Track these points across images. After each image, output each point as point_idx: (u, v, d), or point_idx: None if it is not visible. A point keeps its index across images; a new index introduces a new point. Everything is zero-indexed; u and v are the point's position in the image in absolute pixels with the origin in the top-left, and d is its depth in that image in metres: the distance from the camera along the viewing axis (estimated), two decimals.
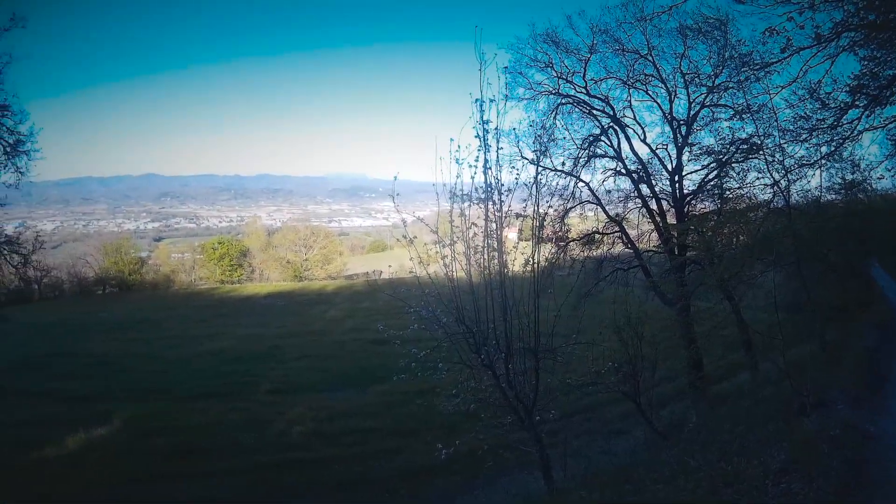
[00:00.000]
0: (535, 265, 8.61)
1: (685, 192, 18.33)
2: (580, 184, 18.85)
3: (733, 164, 18.00)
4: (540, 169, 9.79)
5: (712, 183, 18.23)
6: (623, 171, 18.75)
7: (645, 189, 18.61)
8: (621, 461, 13.60)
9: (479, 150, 7.97)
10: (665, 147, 18.71)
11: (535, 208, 8.86)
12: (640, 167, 18.63)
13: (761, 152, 16.67)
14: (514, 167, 8.40)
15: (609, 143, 18.83)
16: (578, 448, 13.98)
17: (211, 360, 28.15)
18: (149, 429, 18.13)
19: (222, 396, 21.97)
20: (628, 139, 18.82)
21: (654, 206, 18.60)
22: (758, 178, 17.87)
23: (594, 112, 18.81)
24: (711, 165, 18.19)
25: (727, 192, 18.19)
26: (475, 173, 7.97)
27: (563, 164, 18.52)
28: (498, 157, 8.08)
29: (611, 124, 18.66)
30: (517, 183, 8.41)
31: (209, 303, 52.70)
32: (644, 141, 18.90)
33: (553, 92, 18.82)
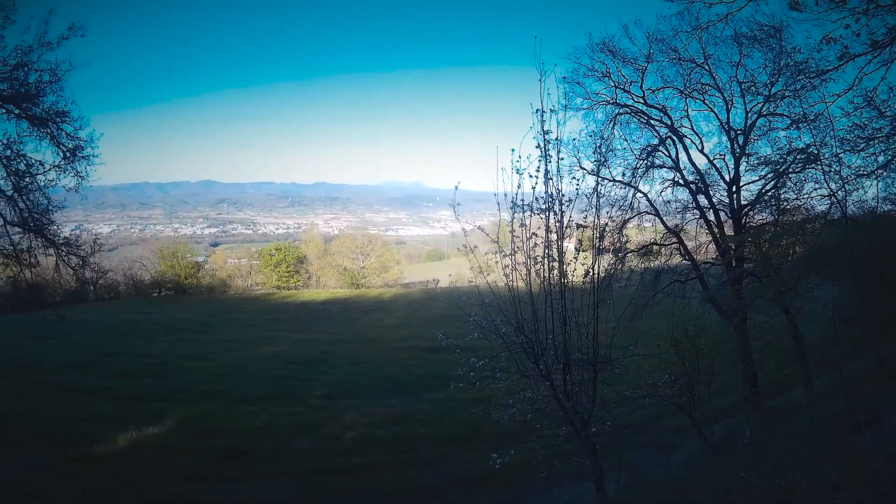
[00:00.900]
0: (595, 276, 8.55)
1: (742, 203, 17.99)
2: (638, 194, 18.64)
3: (790, 175, 17.62)
4: (599, 179, 9.80)
5: (769, 194, 17.85)
6: (681, 181, 18.48)
7: (703, 200, 18.31)
8: (675, 475, 13.44)
9: (539, 159, 7.98)
10: (722, 157, 18.39)
11: (596, 219, 8.84)
12: (697, 178, 18.34)
13: (818, 162, 16.33)
14: (574, 177, 8.39)
15: (667, 154, 18.58)
16: (631, 461, 13.79)
17: (266, 364, 28.42)
18: (202, 429, 18.38)
19: (276, 400, 22.20)
20: (686, 149, 18.56)
21: (711, 217, 18.30)
22: (815, 189, 17.48)
23: (652, 122, 18.60)
24: (769, 176, 17.82)
25: (784, 204, 17.79)
26: (536, 183, 7.97)
27: (623, 174, 18.41)
28: (559, 167, 8.09)
29: (668, 134, 18.42)
30: (577, 193, 8.38)
31: (265, 308, 53.35)
32: (702, 151, 18.61)
33: (611, 102, 18.69)
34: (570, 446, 9.69)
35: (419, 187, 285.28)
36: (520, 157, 7.90)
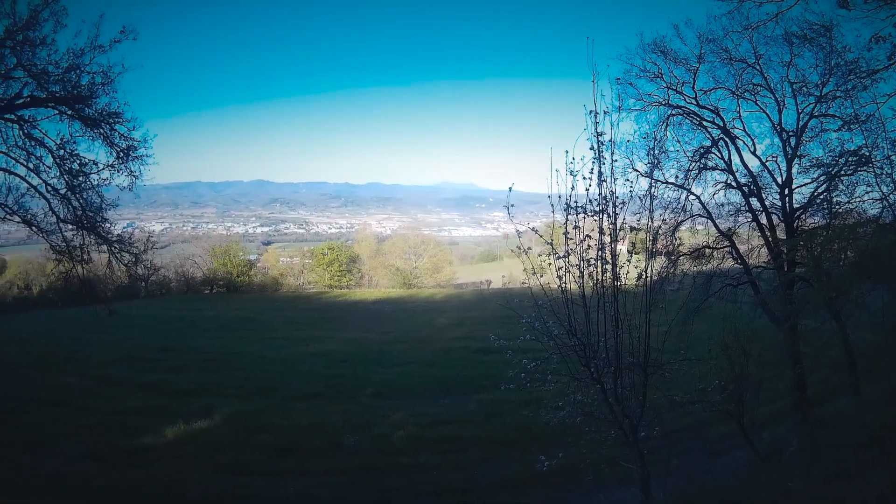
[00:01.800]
0: (648, 279, 8.45)
1: (795, 206, 17.60)
2: (691, 197, 18.32)
3: (842, 178, 17.20)
4: (653, 181, 9.71)
5: (821, 197, 17.44)
6: (733, 184, 18.11)
7: (755, 203, 17.95)
8: (721, 482, 13.26)
9: (593, 161, 7.95)
10: (775, 159, 17.99)
11: (649, 221, 8.74)
12: (750, 180, 17.98)
13: (870, 165, 15.96)
14: (627, 179, 8.31)
15: (719, 156, 18.24)
16: (678, 467, 13.57)
17: (317, 362, 28.58)
18: (251, 425, 18.64)
19: (326, 397, 22.35)
20: (738, 151, 18.19)
21: (764, 220, 17.93)
22: (867, 192, 17.01)
23: (704, 123, 18.25)
24: (820, 179, 17.41)
25: (836, 207, 17.37)
26: (589, 185, 7.94)
27: (676, 177, 18.14)
28: (612, 169, 8.01)
29: (721, 136, 18.09)
30: (631, 195, 8.31)
31: (317, 306, 53.82)
32: (754, 153, 18.22)
33: (663, 103, 18.37)
34: (618, 450, 9.51)
35: (472, 188, 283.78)
36: (573, 158, 7.91)
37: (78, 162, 13.35)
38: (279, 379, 25.11)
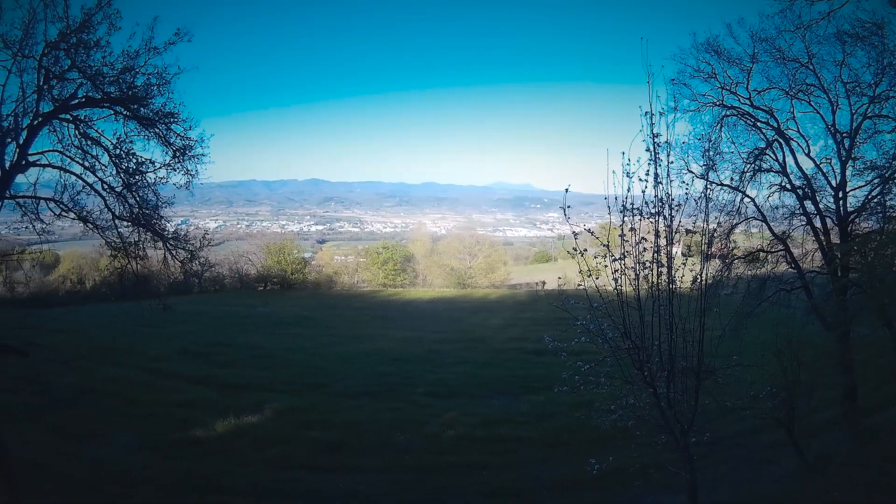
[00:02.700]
0: (703, 283, 8.36)
1: (849, 209, 17.21)
2: (746, 199, 18.01)
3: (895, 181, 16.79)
4: (708, 183, 9.61)
5: (875, 200, 17.03)
6: (788, 186, 17.79)
7: (809, 206, 17.59)
8: (768, 490, 13.19)
9: (648, 163, 7.95)
10: (829, 161, 17.61)
11: (705, 224, 8.64)
12: (804, 182, 17.61)
13: None
14: (683, 181, 8.27)
15: (774, 157, 17.91)
16: (726, 474, 13.44)
17: (369, 360, 28.61)
18: (301, 421, 18.86)
19: (378, 395, 22.39)
20: (793, 153, 17.80)
21: (818, 224, 17.57)
22: None
23: (758, 124, 17.92)
24: (875, 182, 17.00)
25: (890, 211, 16.94)
26: (645, 187, 7.94)
27: (732, 179, 17.85)
28: (668, 170, 7.97)
29: (775, 137, 17.74)
30: (686, 197, 8.25)
31: (371, 304, 54.07)
32: (808, 154, 17.83)
33: (717, 104, 18.09)
34: (668, 455, 9.45)
35: (527, 189, 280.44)
36: (629, 160, 7.90)
37: (134, 161, 13.66)
38: (331, 376, 25.26)
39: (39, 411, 18.15)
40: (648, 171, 7.91)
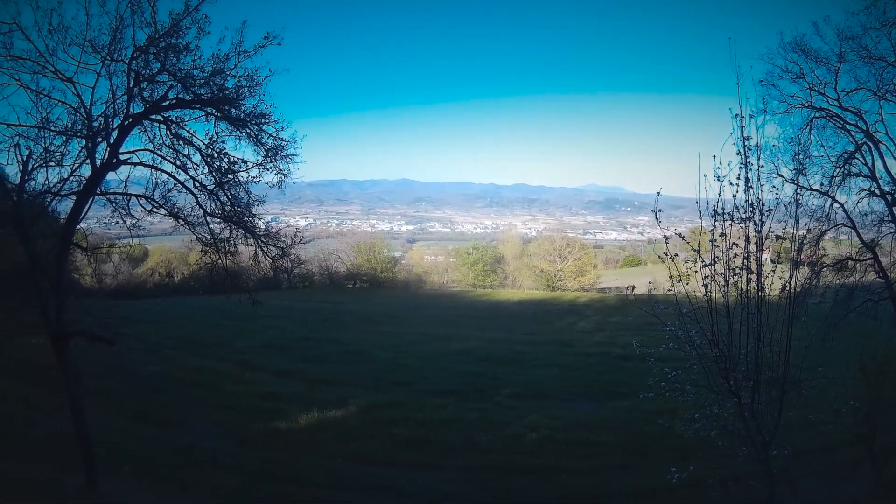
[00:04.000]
0: (791, 291, 8.23)
1: None
2: (835, 205, 17.54)
3: None
4: (798, 188, 9.46)
5: None
6: (877, 191, 17.23)
7: None
8: None
9: (739, 167, 7.92)
10: None
11: (795, 230, 8.50)
12: (894, 188, 17.03)
13: None
14: (773, 186, 8.15)
15: (863, 161, 17.36)
16: (804, 490, 13.06)
17: (455, 359, 28.68)
18: (385, 417, 19.07)
19: (462, 395, 22.42)
20: (881, 156, 17.21)
21: None
22: None
23: (847, 127, 17.43)
24: None
25: None
26: (736, 191, 7.91)
27: (822, 184, 17.40)
28: (759, 175, 7.91)
29: (864, 140, 17.20)
30: (776, 202, 8.14)
31: (460, 304, 54.71)
32: None
33: (806, 105, 17.68)
34: (747, 468, 9.34)
35: (618, 191, 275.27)
36: (720, 163, 7.87)
37: (227, 160, 14.02)
38: (416, 374, 25.41)
39: (124, 398, 18.88)
40: (739, 174, 7.88)
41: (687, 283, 8.08)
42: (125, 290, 51.60)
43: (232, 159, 14.11)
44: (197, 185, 14.20)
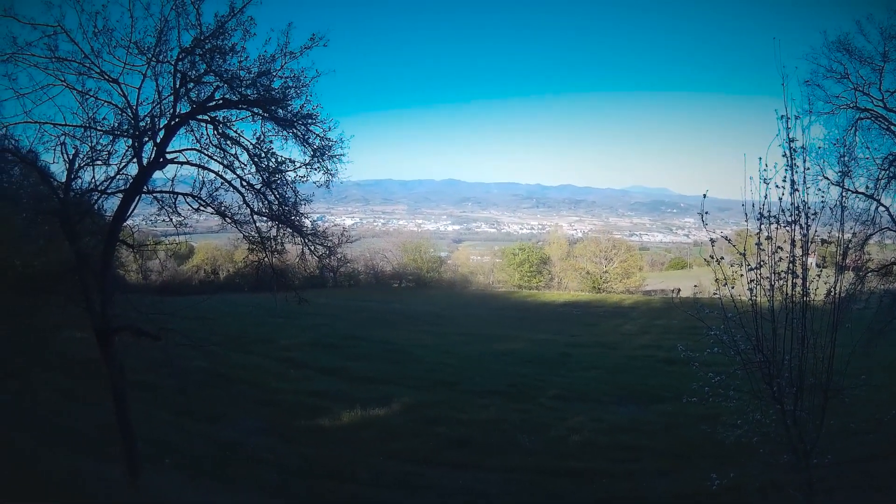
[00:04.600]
0: (837, 296, 8.19)
1: None
2: (880, 209, 17.30)
3: None
4: (844, 191, 9.38)
5: None
6: None
7: None
8: None
9: (785, 169, 7.89)
10: None
11: (840, 234, 8.46)
12: None
13: None
14: (819, 189, 8.11)
15: None
16: (843, 500, 12.90)
17: (500, 360, 28.76)
18: (428, 416, 19.23)
19: (506, 395, 22.48)
20: None
21: None
22: None
23: (892, 128, 17.19)
24: None
25: None
26: (782, 194, 7.89)
27: (867, 187, 17.12)
28: (804, 177, 7.90)
29: None
30: (822, 205, 8.10)
31: (505, 305, 54.91)
32: None
33: (851, 106, 17.50)
34: (788, 476, 9.23)
35: (664, 193, 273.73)
36: (766, 165, 7.87)
37: (274, 160, 14.26)
38: (461, 374, 25.45)
39: (168, 393, 19.11)
40: (785, 177, 7.85)
41: (732, 287, 8.10)
42: (171, 286, 52.27)
43: (279, 159, 14.30)
44: (244, 184, 14.40)
